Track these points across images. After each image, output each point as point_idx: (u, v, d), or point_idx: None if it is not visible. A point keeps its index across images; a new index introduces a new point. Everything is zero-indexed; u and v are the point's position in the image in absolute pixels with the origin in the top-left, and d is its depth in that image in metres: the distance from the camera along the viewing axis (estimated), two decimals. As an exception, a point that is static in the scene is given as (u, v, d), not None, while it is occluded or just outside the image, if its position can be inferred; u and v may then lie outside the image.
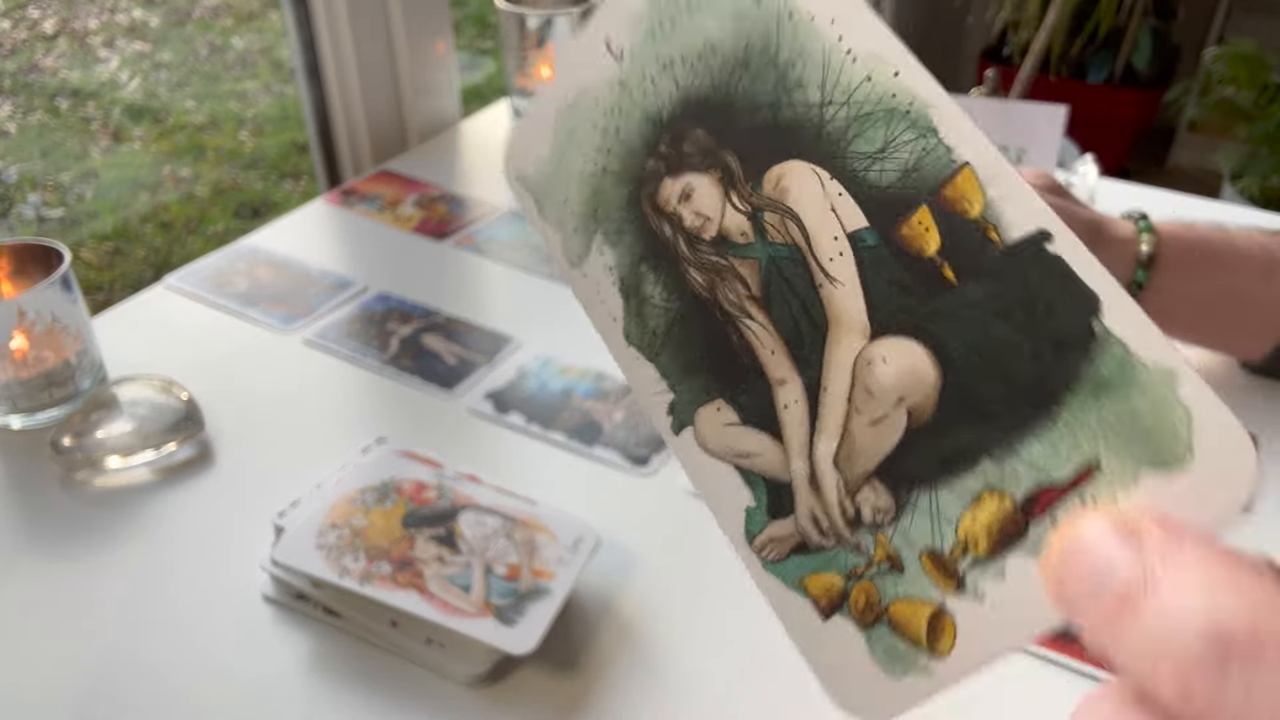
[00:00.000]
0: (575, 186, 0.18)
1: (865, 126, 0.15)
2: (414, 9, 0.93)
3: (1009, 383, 0.14)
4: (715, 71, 0.16)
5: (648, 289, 0.17)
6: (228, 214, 1.50)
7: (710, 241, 0.16)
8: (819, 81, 0.16)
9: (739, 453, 0.17)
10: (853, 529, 0.16)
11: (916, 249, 0.15)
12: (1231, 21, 2.46)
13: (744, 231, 0.16)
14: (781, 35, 0.16)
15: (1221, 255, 0.59)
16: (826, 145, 0.15)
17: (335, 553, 0.46)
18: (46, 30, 1.41)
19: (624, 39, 0.17)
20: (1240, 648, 0.14)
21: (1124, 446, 0.14)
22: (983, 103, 0.83)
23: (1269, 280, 0.58)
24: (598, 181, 0.18)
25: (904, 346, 0.15)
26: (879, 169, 0.15)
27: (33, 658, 0.45)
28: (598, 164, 0.18)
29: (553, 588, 0.46)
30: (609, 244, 0.18)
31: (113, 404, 0.57)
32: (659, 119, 0.17)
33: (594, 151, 0.18)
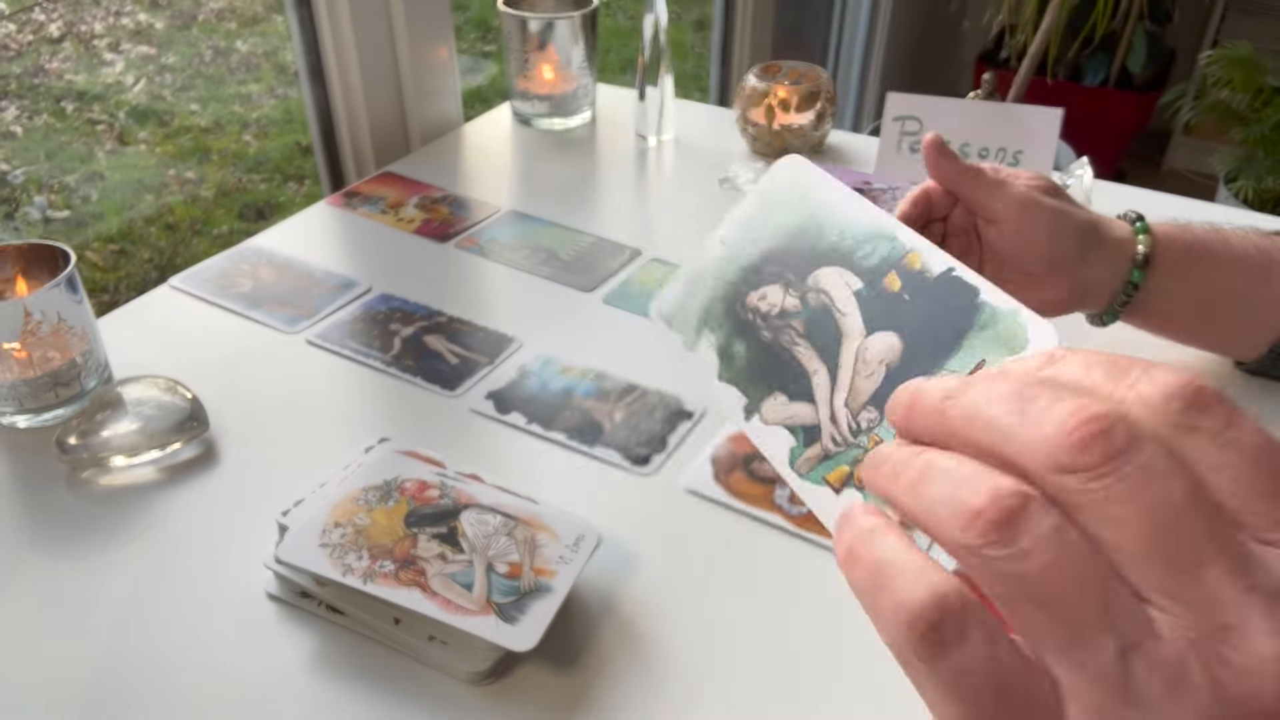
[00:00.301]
0: (694, 311, 0.33)
1: (860, 245, 0.30)
2: (416, 13, 0.93)
3: (936, 338, 0.27)
4: (781, 238, 0.32)
5: (735, 348, 0.32)
6: (232, 216, 1.50)
7: (776, 315, 0.31)
8: (838, 231, 0.31)
9: (786, 417, 0.29)
10: (855, 435, 0.28)
11: (891, 290, 0.29)
12: (1226, 25, 2.46)
13: (795, 307, 0.31)
14: (817, 216, 0.32)
15: (1217, 256, 0.59)
16: (840, 258, 0.30)
17: (339, 551, 0.46)
18: (52, 33, 1.42)
19: (729, 234, 0.33)
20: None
21: (996, 348, 0.26)
22: (980, 106, 0.84)
23: (1265, 281, 0.59)
24: (708, 305, 0.33)
25: (884, 335, 0.28)
26: (869, 259, 0.30)
27: (38, 655, 0.46)
28: (711, 297, 0.33)
29: (554, 586, 0.46)
30: (711, 332, 0.32)
31: (118, 404, 0.57)
32: (748, 267, 0.32)
33: (707, 293, 0.33)
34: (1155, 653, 0.18)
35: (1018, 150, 0.80)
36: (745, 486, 0.56)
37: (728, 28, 1.62)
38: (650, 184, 0.92)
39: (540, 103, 0.98)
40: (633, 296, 0.73)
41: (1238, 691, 0.18)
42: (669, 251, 0.79)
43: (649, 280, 0.75)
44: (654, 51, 0.92)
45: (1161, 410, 0.20)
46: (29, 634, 0.47)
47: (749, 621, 0.48)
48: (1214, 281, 0.59)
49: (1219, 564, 0.18)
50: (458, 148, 0.97)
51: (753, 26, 1.60)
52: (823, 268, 0.30)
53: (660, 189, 0.91)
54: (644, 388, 0.63)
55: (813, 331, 0.30)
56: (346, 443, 0.57)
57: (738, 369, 0.31)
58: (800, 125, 0.92)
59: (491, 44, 2.13)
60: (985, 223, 0.61)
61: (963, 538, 0.19)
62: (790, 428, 0.28)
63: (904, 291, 0.28)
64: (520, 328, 0.69)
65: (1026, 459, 0.19)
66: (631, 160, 0.94)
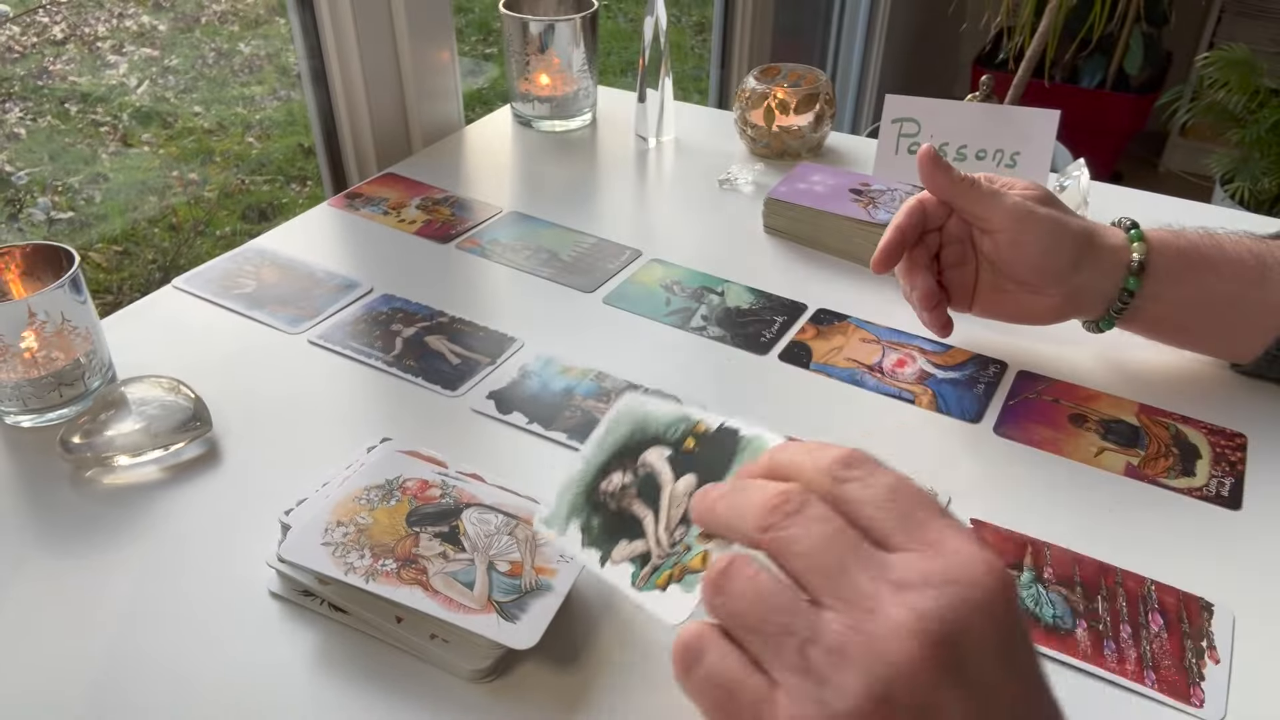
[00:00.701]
0: (565, 509, 0.43)
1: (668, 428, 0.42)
2: (418, 15, 0.94)
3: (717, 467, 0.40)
4: (621, 442, 0.43)
5: (593, 522, 0.42)
6: (235, 217, 1.51)
7: (619, 489, 0.42)
8: (655, 425, 0.43)
9: (628, 554, 0.40)
10: (672, 548, 0.39)
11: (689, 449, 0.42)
12: (1222, 27, 2.46)
13: (631, 480, 0.42)
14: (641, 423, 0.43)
15: (1211, 260, 0.59)
16: (657, 441, 0.42)
17: (341, 550, 0.47)
18: (56, 35, 1.42)
19: (588, 452, 0.44)
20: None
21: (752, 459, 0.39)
22: (977, 108, 0.84)
23: (1259, 285, 0.59)
24: (574, 500, 0.43)
25: (686, 478, 0.40)
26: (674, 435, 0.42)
27: (42, 654, 0.46)
28: (576, 494, 0.43)
29: (554, 584, 0.46)
30: (575, 518, 0.42)
31: (121, 403, 0.58)
32: (600, 466, 0.43)
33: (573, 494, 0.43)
34: (825, 641, 0.27)
35: (1015, 152, 0.81)
36: (744, 486, 0.56)
37: (727, 30, 1.62)
38: (650, 185, 0.92)
39: (541, 105, 0.99)
40: (633, 297, 0.74)
41: (883, 653, 0.26)
42: (669, 252, 0.79)
43: (649, 280, 0.76)
44: (654, 54, 0.93)
45: (827, 471, 0.31)
46: (33, 632, 0.47)
47: (748, 620, 0.48)
48: (1209, 287, 0.59)
49: (864, 570, 0.27)
50: (459, 149, 0.97)
51: (752, 29, 1.60)
52: (647, 450, 0.43)
53: (660, 190, 0.91)
54: (644, 388, 0.64)
55: (643, 491, 0.42)
56: (348, 442, 0.57)
57: (595, 535, 0.42)
58: (799, 127, 0.92)
59: (492, 46, 2.13)
60: (981, 232, 0.61)
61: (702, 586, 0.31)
62: (632, 559, 0.40)
63: (697, 446, 0.42)
64: (521, 328, 0.69)
65: (746, 528, 0.30)
66: (632, 162, 0.95)
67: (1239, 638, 0.48)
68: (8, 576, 0.50)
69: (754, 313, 0.72)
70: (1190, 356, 0.66)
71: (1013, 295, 0.62)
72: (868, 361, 0.67)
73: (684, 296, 0.74)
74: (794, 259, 0.79)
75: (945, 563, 0.27)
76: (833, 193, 0.80)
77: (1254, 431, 0.61)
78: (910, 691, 0.25)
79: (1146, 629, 0.48)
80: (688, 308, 0.72)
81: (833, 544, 0.28)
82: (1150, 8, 2.21)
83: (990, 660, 0.26)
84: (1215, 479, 0.57)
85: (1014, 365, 0.66)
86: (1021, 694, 0.27)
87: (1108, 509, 0.55)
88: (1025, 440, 0.60)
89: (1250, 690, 0.45)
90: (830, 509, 0.29)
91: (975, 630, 0.26)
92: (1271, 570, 0.52)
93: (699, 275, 0.76)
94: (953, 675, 0.25)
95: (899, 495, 0.30)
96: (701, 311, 0.72)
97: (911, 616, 0.26)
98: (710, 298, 0.73)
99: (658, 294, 0.74)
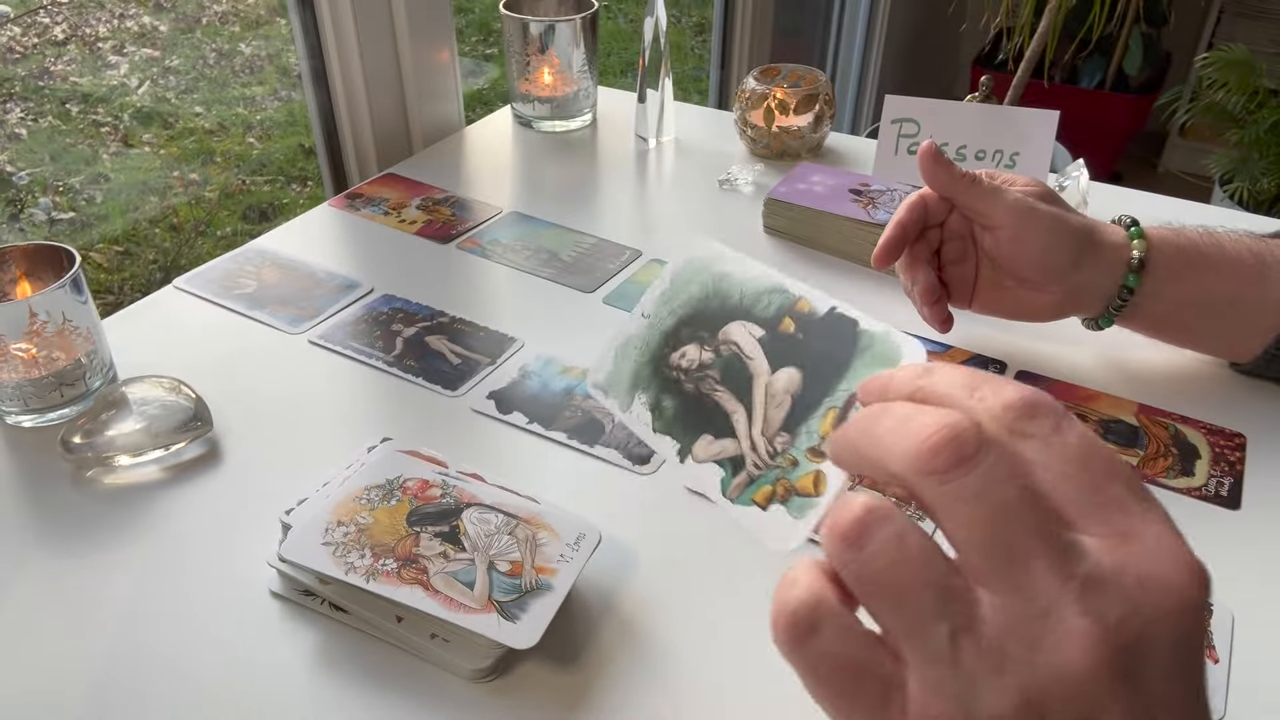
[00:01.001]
0: (625, 377, 0.38)
1: (757, 300, 0.36)
2: (418, 16, 0.94)
3: (829, 364, 0.33)
4: (692, 305, 0.37)
5: (664, 403, 0.36)
6: (235, 217, 1.51)
7: (696, 369, 0.36)
8: (738, 292, 0.37)
9: (715, 453, 0.34)
10: (773, 459, 0.33)
11: (786, 332, 0.35)
12: (1221, 27, 2.46)
13: (711, 359, 0.36)
14: (719, 284, 0.37)
15: (1211, 259, 0.59)
16: (743, 313, 0.36)
17: (341, 550, 0.47)
18: (57, 36, 1.43)
19: (649, 308, 0.39)
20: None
21: (876, 365, 0.31)
22: (977, 108, 0.84)
23: (1259, 284, 0.59)
24: (637, 369, 0.38)
25: (786, 371, 0.34)
26: (766, 311, 0.35)
27: (42, 653, 0.46)
28: (639, 362, 0.38)
29: (555, 584, 0.46)
30: (643, 392, 0.37)
31: (122, 403, 0.58)
32: (668, 332, 0.38)
33: (635, 359, 0.38)
34: (982, 635, 0.22)
35: (1014, 152, 0.81)
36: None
37: (727, 31, 1.62)
38: (650, 185, 0.92)
39: (541, 105, 0.99)
40: (633, 297, 0.74)
41: (1052, 662, 0.22)
42: (669, 252, 0.79)
43: (650, 280, 0.76)
44: (654, 54, 0.93)
45: (1000, 418, 0.24)
46: (34, 632, 0.47)
47: (749, 619, 0.48)
48: (1208, 285, 0.60)
49: (1044, 558, 0.22)
50: (459, 150, 0.97)
51: (752, 30, 1.60)
52: (730, 324, 0.36)
53: (660, 190, 0.91)
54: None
55: (727, 377, 0.35)
56: (349, 442, 0.57)
57: (668, 420, 0.36)
58: (799, 127, 0.92)
59: (493, 47, 2.13)
60: (982, 229, 0.61)
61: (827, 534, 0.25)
62: (719, 461, 0.34)
63: (798, 332, 0.34)
64: (521, 328, 0.70)
65: (898, 467, 0.24)
66: (632, 162, 0.95)
67: (1238, 637, 0.48)
68: (9, 576, 0.50)
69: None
70: (1189, 356, 0.66)
71: (1013, 292, 0.62)
72: (867, 361, 0.67)
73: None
74: (794, 259, 0.79)
75: (1143, 560, 0.23)
76: (832, 193, 0.80)
77: (1253, 432, 0.61)
78: (1073, 703, 0.22)
79: (1145, 628, 0.48)
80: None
81: (1015, 515, 0.23)
82: (1150, 8, 2.21)
83: (1167, 670, 0.22)
84: (1214, 479, 0.57)
85: (1013, 365, 0.67)
86: (1183, 701, 0.23)
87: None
88: (1025, 440, 0.60)
89: (1249, 690, 0.45)
90: (1015, 464, 0.23)
91: (1161, 640, 0.22)
92: (1270, 570, 0.52)
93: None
94: (1122, 684, 0.22)
95: (1092, 463, 0.24)
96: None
97: (1096, 628, 0.22)
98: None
99: None
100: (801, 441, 0.32)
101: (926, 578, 0.23)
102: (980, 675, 0.22)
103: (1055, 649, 0.22)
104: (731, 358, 0.35)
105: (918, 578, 0.23)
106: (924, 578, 0.23)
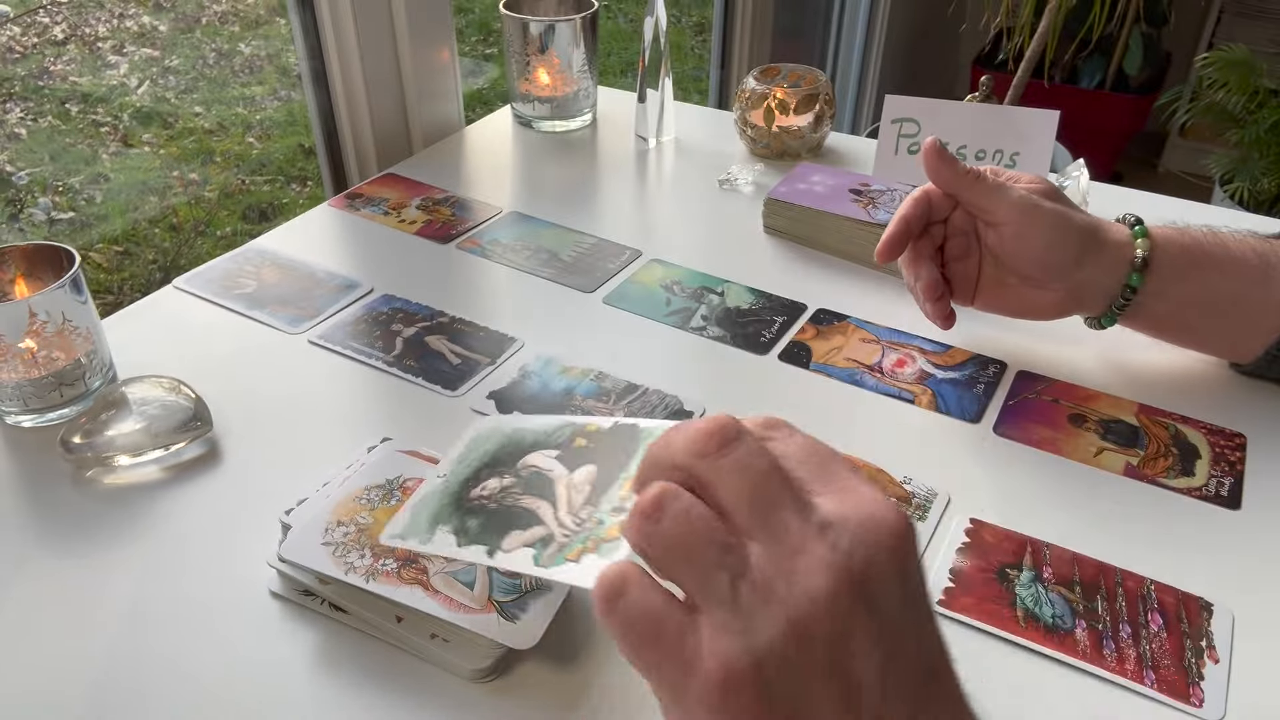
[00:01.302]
0: (424, 520, 0.42)
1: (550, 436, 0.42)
2: (418, 15, 0.94)
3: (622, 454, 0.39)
4: (490, 455, 0.43)
5: (469, 524, 0.41)
6: (235, 217, 1.51)
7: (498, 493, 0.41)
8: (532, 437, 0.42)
9: (524, 540, 0.38)
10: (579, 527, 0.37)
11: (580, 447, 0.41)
12: (1222, 27, 2.46)
13: (512, 483, 0.41)
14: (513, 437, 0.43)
15: (1215, 258, 0.59)
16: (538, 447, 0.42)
17: (341, 550, 0.47)
18: (57, 36, 1.43)
19: (445, 469, 0.44)
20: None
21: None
22: (977, 108, 0.84)
23: (1263, 285, 0.59)
24: (437, 511, 0.42)
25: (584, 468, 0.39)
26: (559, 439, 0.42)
27: (42, 654, 0.46)
28: (439, 506, 0.42)
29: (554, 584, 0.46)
30: (443, 525, 0.41)
31: (122, 403, 0.58)
32: (467, 479, 0.43)
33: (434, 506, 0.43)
34: (754, 578, 0.28)
35: (1014, 152, 0.81)
36: (744, 486, 0.56)
37: (727, 31, 1.62)
38: (650, 185, 0.92)
39: (541, 105, 0.99)
40: (633, 297, 0.74)
41: (806, 587, 0.28)
42: (669, 252, 0.79)
43: (650, 280, 0.76)
44: (654, 54, 0.93)
45: (753, 427, 0.32)
46: (33, 632, 0.47)
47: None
48: (1211, 285, 0.59)
49: (791, 508, 0.29)
50: (459, 150, 0.97)
51: (752, 30, 1.60)
52: (528, 455, 0.42)
53: (660, 190, 0.91)
54: (644, 387, 0.64)
55: (530, 488, 0.40)
56: (349, 442, 0.57)
57: (473, 535, 0.40)
58: (799, 127, 0.92)
59: (493, 47, 2.13)
60: (985, 225, 0.61)
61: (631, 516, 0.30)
62: (529, 544, 0.38)
63: (589, 445, 0.40)
64: (521, 328, 0.69)
65: (681, 457, 0.30)
66: (632, 162, 0.95)
67: (1238, 637, 0.48)
68: (9, 576, 0.50)
69: (754, 313, 0.72)
70: (1189, 356, 0.66)
71: (1015, 289, 0.62)
72: (867, 361, 0.67)
73: (684, 296, 0.74)
74: (794, 259, 0.79)
75: (858, 506, 0.29)
76: (832, 193, 0.80)
77: (1253, 432, 0.61)
78: (828, 621, 0.27)
79: (1146, 629, 0.48)
80: (688, 308, 0.72)
81: (768, 479, 0.29)
82: (1150, 8, 2.21)
83: (896, 593, 0.29)
84: (1214, 479, 0.57)
85: (1014, 365, 0.67)
86: (918, 624, 0.30)
87: (1106, 508, 0.55)
88: (1025, 440, 0.60)
89: (1250, 690, 0.45)
90: (764, 447, 0.30)
91: (884, 565, 0.28)
92: (1270, 570, 0.52)
93: (699, 275, 0.76)
94: (864, 605, 0.28)
95: (818, 451, 0.32)
96: (701, 311, 0.72)
97: (833, 555, 0.28)
98: (710, 298, 0.74)
99: (658, 294, 0.74)
100: (604, 505, 0.37)
101: (710, 537, 0.29)
102: (755, 610, 0.28)
103: (806, 575, 0.28)
104: (532, 475, 0.41)
105: (702, 537, 0.29)
106: (707, 537, 0.29)
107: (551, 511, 0.39)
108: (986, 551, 0.52)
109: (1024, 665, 0.46)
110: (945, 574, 0.51)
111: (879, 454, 0.58)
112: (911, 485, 0.56)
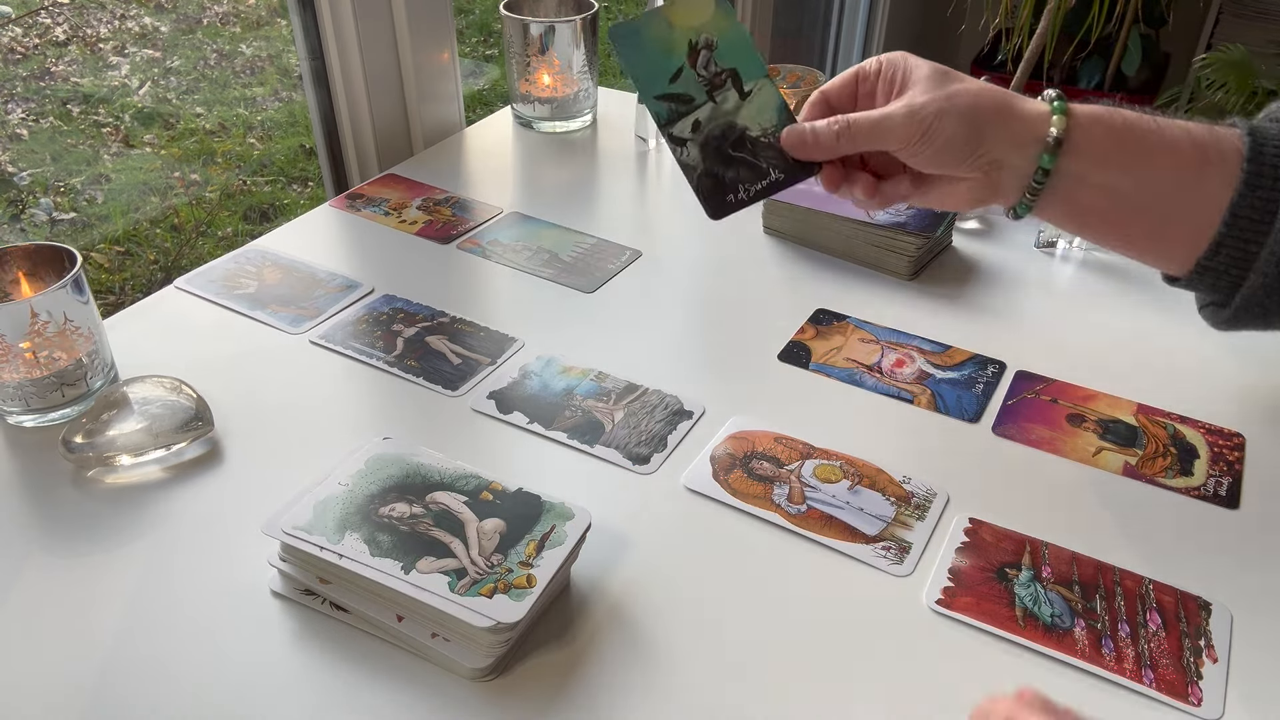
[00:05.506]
0: (331, 521, 0.47)
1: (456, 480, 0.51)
2: (418, 17, 0.94)
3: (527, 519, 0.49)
4: (395, 480, 0.49)
5: (380, 538, 0.45)
6: (236, 217, 1.51)
7: (409, 518, 0.46)
8: (438, 476, 0.51)
9: (438, 567, 0.44)
10: (491, 569, 0.43)
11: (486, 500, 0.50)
12: (1220, 28, 2.46)
13: (422, 513, 0.48)
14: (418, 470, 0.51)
15: (1146, 144, 0.53)
16: (445, 486, 0.50)
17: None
18: (58, 37, 1.43)
19: (344, 479, 0.49)
20: None
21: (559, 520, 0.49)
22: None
23: (1197, 176, 0.52)
24: (344, 516, 0.47)
25: (492, 520, 0.49)
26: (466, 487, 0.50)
27: (44, 652, 0.46)
28: (345, 512, 0.47)
29: (542, 564, 0.46)
30: (354, 532, 0.46)
31: (123, 403, 0.58)
32: (373, 495, 0.48)
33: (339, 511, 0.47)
34: None
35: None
36: (745, 485, 0.56)
37: (729, 31, 1.62)
38: (650, 186, 0.92)
39: (541, 106, 0.99)
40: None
41: None
42: (669, 252, 0.79)
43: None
44: (655, 55, 0.93)
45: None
46: (35, 630, 0.47)
47: (749, 618, 0.48)
48: (1137, 174, 0.53)
49: None
50: (460, 150, 0.97)
51: (752, 30, 1.61)
52: (436, 491, 0.48)
53: (660, 191, 0.92)
54: (644, 387, 0.64)
55: (440, 523, 0.46)
56: (349, 442, 0.57)
57: (386, 549, 0.45)
58: (800, 128, 0.92)
59: (493, 48, 2.13)
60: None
61: None
62: (444, 571, 0.44)
63: (496, 500, 0.48)
64: (522, 328, 0.70)
65: None
66: (631, 162, 0.95)
67: (1237, 636, 0.48)
68: (11, 576, 0.50)
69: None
70: (1189, 355, 0.66)
71: (936, 186, 0.57)
72: (867, 361, 0.67)
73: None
74: (794, 259, 0.79)
75: None
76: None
77: (1252, 431, 0.61)
78: None
79: (1145, 628, 0.48)
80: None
81: None
82: (1148, 9, 2.21)
83: None
84: (1213, 478, 0.57)
85: (1012, 365, 0.67)
86: None
87: (1105, 508, 0.55)
88: (1024, 440, 0.60)
89: (1248, 689, 0.45)
90: None
91: None
92: (1269, 569, 0.52)
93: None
94: None
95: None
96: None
97: None
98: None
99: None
100: (513, 558, 0.45)
101: None
102: None
103: None
104: (441, 512, 0.47)
105: None
106: None
107: (464, 549, 0.45)
108: (985, 551, 0.52)
109: (1023, 664, 0.46)
110: (944, 573, 0.51)
111: (879, 454, 0.59)
112: (911, 485, 0.56)
